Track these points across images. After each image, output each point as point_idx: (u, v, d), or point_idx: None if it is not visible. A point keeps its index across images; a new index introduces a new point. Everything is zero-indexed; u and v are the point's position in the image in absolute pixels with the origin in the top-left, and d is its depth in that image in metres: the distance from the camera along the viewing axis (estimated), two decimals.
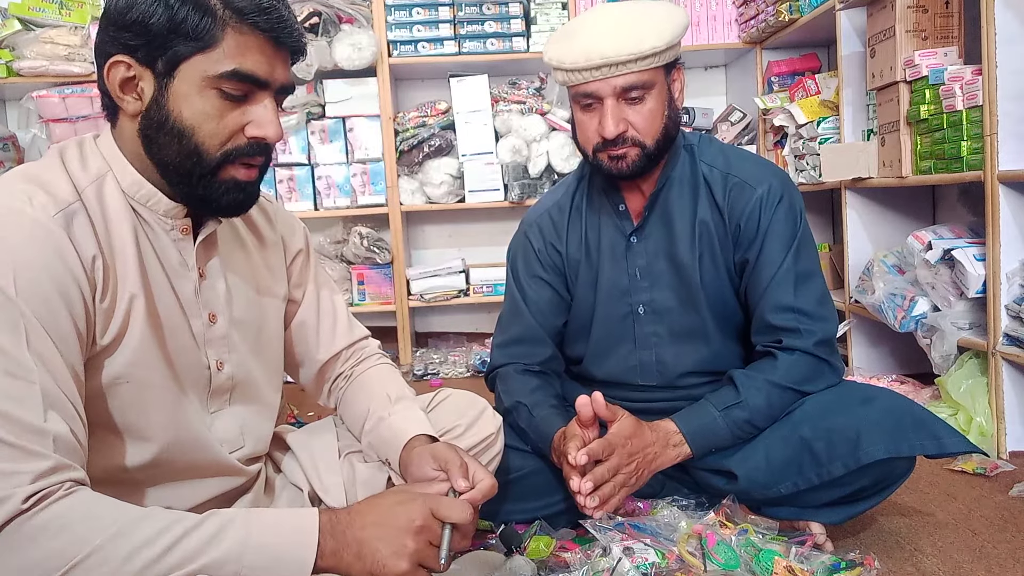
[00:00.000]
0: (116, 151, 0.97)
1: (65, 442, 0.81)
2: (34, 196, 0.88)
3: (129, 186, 0.96)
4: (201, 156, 0.93)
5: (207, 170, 0.94)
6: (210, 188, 0.95)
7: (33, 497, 0.77)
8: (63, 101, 3.03)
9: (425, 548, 0.88)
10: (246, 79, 0.92)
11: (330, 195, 3.26)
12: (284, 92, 0.98)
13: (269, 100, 0.95)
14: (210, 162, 0.94)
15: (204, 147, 0.93)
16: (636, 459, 1.30)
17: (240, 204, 0.99)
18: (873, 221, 2.60)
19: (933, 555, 1.38)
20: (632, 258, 1.47)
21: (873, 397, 1.35)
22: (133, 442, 0.96)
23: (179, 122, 0.92)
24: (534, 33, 3.22)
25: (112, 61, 0.92)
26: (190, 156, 0.93)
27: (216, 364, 1.04)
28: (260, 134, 0.94)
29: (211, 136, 0.93)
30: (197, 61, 0.91)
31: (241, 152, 0.95)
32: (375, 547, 0.86)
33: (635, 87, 1.31)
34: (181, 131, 0.92)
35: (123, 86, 0.93)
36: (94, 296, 0.90)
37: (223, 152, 0.94)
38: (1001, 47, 1.80)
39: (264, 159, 0.98)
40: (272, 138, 0.95)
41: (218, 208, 0.98)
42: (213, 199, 0.96)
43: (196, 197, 0.97)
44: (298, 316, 1.22)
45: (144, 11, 0.89)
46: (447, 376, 3.05)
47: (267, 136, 0.95)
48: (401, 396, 1.20)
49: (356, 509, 0.90)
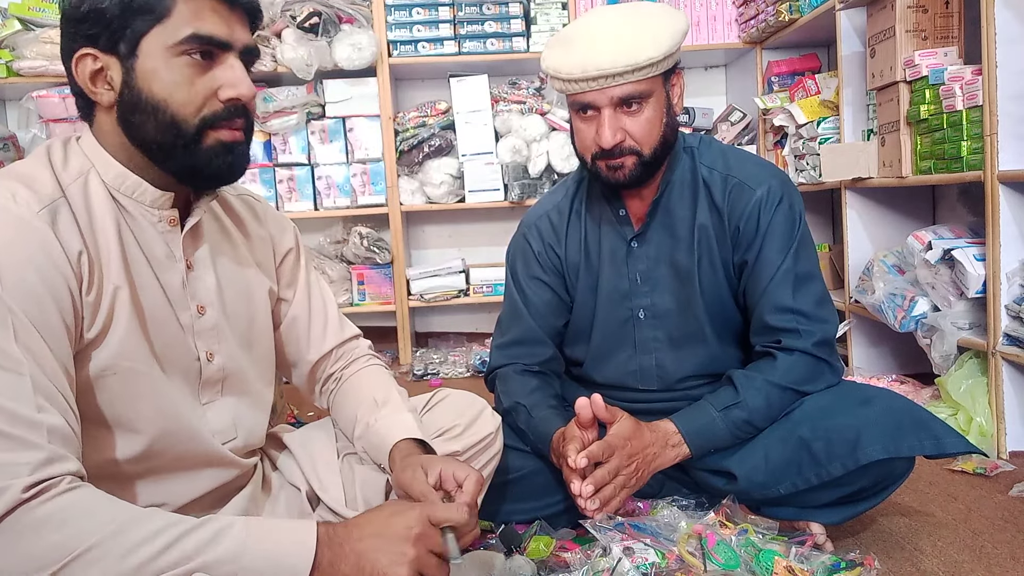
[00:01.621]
0: (97, 148, 0.97)
1: (59, 433, 0.82)
2: (17, 193, 0.88)
3: (113, 179, 0.96)
4: (179, 126, 0.93)
5: (189, 139, 0.93)
6: (197, 156, 0.94)
7: (33, 488, 0.77)
8: (63, 101, 3.03)
9: (425, 556, 0.88)
10: (207, 41, 0.92)
11: (330, 195, 3.26)
12: (250, 54, 0.98)
13: (235, 60, 0.95)
14: (189, 130, 0.93)
15: (180, 116, 0.93)
16: (636, 460, 1.30)
17: (231, 167, 0.98)
18: (873, 221, 2.60)
19: (933, 555, 1.38)
20: (633, 263, 1.47)
21: (872, 397, 1.35)
22: (123, 434, 0.96)
23: (151, 98, 0.92)
24: (534, 33, 3.22)
25: (77, 56, 0.93)
26: (169, 129, 0.93)
27: (206, 355, 1.05)
28: (233, 94, 0.94)
29: (185, 104, 0.92)
30: (155, 34, 0.91)
31: (219, 117, 0.94)
32: (374, 558, 0.86)
33: (632, 97, 1.31)
34: (155, 106, 0.92)
35: (93, 79, 0.94)
36: (80, 290, 0.90)
37: (200, 118, 0.93)
38: (1001, 47, 1.80)
39: (245, 122, 0.98)
40: (246, 96, 0.95)
41: (211, 176, 0.97)
42: (203, 166, 0.95)
43: (187, 169, 0.96)
44: (289, 315, 1.22)
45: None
46: (447, 376, 3.05)
47: (240, 95, 0.94)
48: (387, 400, 1.19)
49: (353, 522, 0.91)
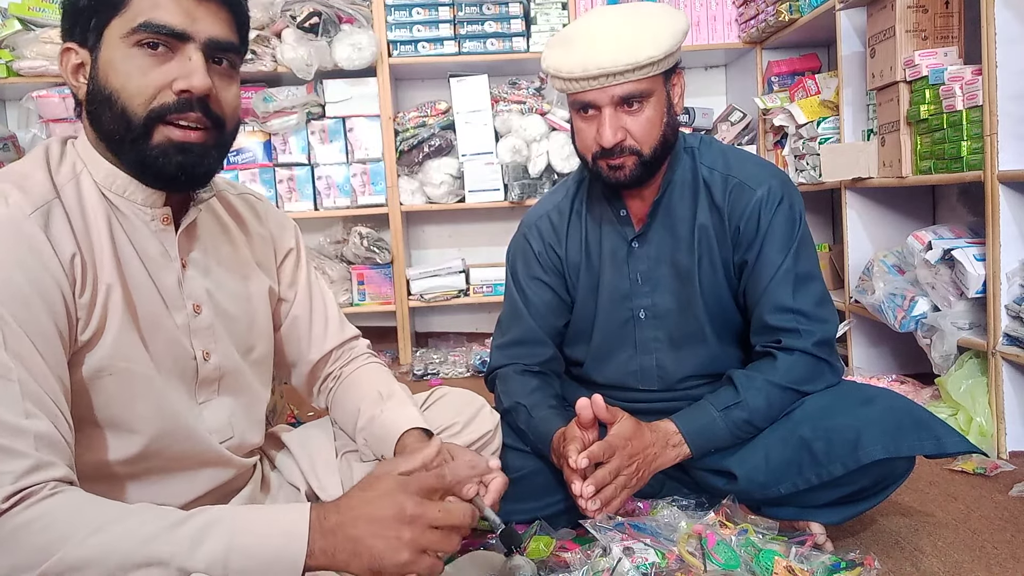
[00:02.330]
0: (88, 147, 0.97)
1: (47, 440, 0.81)
2: (9, 196, 0.88)
3: (103, 179, 0.96)
4: (128, 118, 0.91)
5: (137, 133, 0.92)
6: (143, 152, 0.93)
7: (14, 497, 0.77)
8: (63, 101, 3.03)
9: (423, 534, 0.85)
10: (159, 30, 0.90)
11: (330, 195, 3.26)
12: (225, 50, 0.95)
13: (195, 53, 0.92)
14: (137, 123, 0.91)
15: (129, 107, 0.91)
16: (636, 460, 1.30)
17: (184, 168, 0.94)
18: (873, 221, 2.60)
19: (933, 555, 1.38)
20: (633, 263, 1.47)
21: (873, 397, 1.35)
22: (120, 435, 0.96)
23: (107, 88, 0.92)
24: (534, 33, 3.22)
25: (61, 51, 0.95)
26: (120, 120, 0.92)
27: (203, 354, 1.04)
28: (184, 85, 0.91)
29: (135, 95, 0.91)
30: (115, 25, 0.91)
31: (168, 109, 0.92)
32: (370, 544, 0.84)
33: (633, 96, 1.31)
34: (109, 96, 0.92)
35: (74, 72, 0.95)
36: (74, 292, 0.90)
37: (149, 111, 0.91)
38: (1001, 47, 1.80)
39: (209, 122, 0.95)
40: (196, 87, 0.92)
41: (162, 174, 0.94)
42: (150, 163, 0.93)
43: (137, 164, 0.94)
44: (290, 315, 1.22)
45: None
46: (447, 376, 3.05)
47: (191, 86, 0.91)
48: (392, 393, 1.20)
49: (345, 504, 0.86)
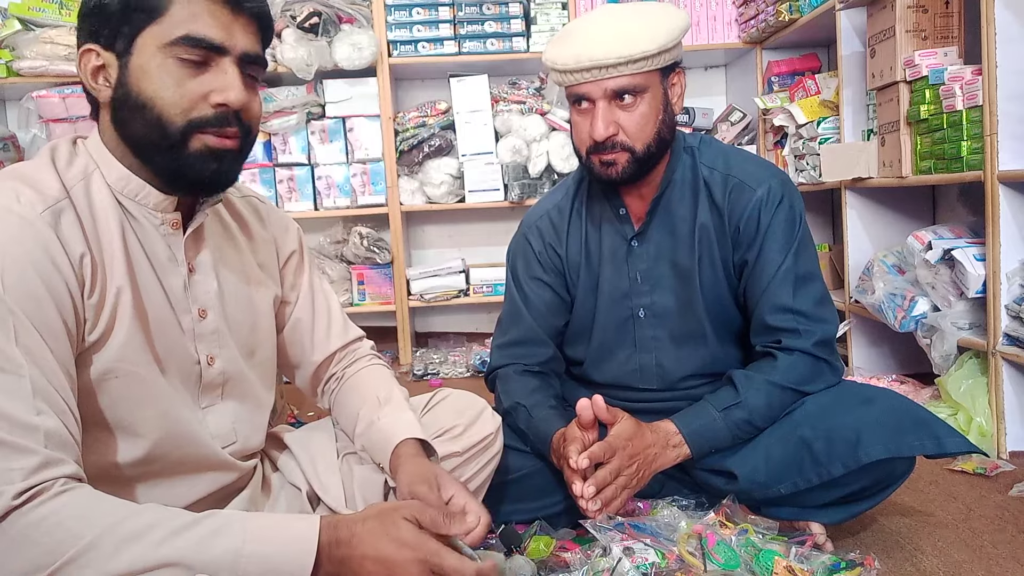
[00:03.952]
0: (102, 148, 0.97)
1: (56, 437, 0.81)
2: (21, 194, 0.88)
3: (116, 181, 0.96)
4: (164, 127, 0.92)
5: (174, 140, 0.93)
6: (181, 159, 0.94)
7: (25, 494, 0.77)
8: (63, 101, 3.03)
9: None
10: (199, 44, 0.91)
11: (330, 195, 3.26)
12: (254, 63, 0.97)
13: (231, 66, 0.94)
14: (175, 132, 0.92)
15: (166, 116, 0.92)
16: (637, 461, 1.30)
17: (218, 175, 0.96)
18: (873, 221, 2.60)
19: (933, 555, 1.38)
20: (633, 262, 1.47)
21: (873, 397, 1.35)
22: (124, 438, 0.96)
23: (140, 96, 0.92)
24: (534, 33, 3.22)
25: (82, 51, 0.94)
26: (154, 128, 0.92)
27: (207, 359, 1.04)
28: (221, 99, 0.93)
29: (172, 105, 0.92)
30: (150, 33, 0.91)
31: (207, 122, 0.93)
32: None
33: (627, 90, 1.31)
34: (143, 104, 0.92)
35: (94, 74, 0.95)
36: (82, 292, 0.90)
37: (187, 121, 0.93)
38: (1001, 47, 1.80)
39: (240, 131, 0.96)
40: (234, 102, 0.93)
41: (196, 181, 0.96)
42: (187, 170, 0.94)
43: (170, 172, 0.95)
44: (293, 317, 1.22)
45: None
46: (447, 376, 3.05)
47: (228, 100, 0.93)
48: (390, 398, 1.19)
49: (357, 536, 0.86)
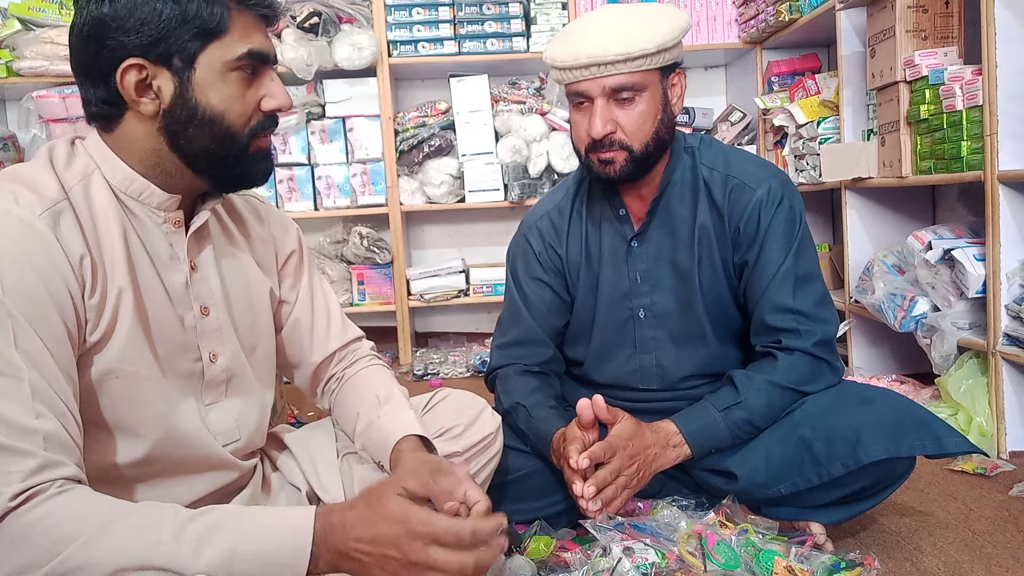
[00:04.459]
0: (105, 150, 0.97)
1: (56, 439, 0.81)
2: (19, 196, 0.88)
3: (119, 182, 0.97)
4: (233, 138, 0.98)
5: (241, 148, 0.99)
6: (244, 164, 1.01)
7: (21, 495, 0.77)
8: (63, 101, 3.03)
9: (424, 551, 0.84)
10: (258, 57, 0.97)
11: (330, 195, 3.26)
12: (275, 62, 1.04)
13: (274, 73, 1.01)
14: (241, 141, 0.99)
15: (234, 128, 0.98)
16: (637, 461, 1.30)
17: (268, 171, 1.05)
18: (873, 221, 2.60)
19: (933, 555, 1.38)
20: (633, 262, 1.47)
21: (873, 397, 1.35)
22: (125, 439, 0.96)
23: (208, 110, 0.95)
24: (534, 33, 3.22)
25: (125, 66, 0.92)
26: (224, 140, 0.97)
27: (210, 356, 1.05)
28: (275, 105, 1.00)
29: (239, 117, 0.98)
30: (213, 49, 0.94)
31: (263, 126, 1.01)
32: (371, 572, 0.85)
33: (625, 88, 1.31)
34: (212, 118, 0.96)
35: (139, 89, 0.94)
36: (83, 293, 0.90)
37: (249, 129, 0.99)
38: (1001, 47, 1.80)
39: None
40: (286, 106, 1.01)
41: (252, 180, 1.04)
42: (247, 173, 1.02)
43: (231, 178, 1.03)
44: (292, 317, 1.22)
45: (152, 9, 0.91)
46: (447, 376, 3.05)
47: (281, 106, 1.00)
48: (390, 397, 1.19)
49: (349, 521, 0.85)
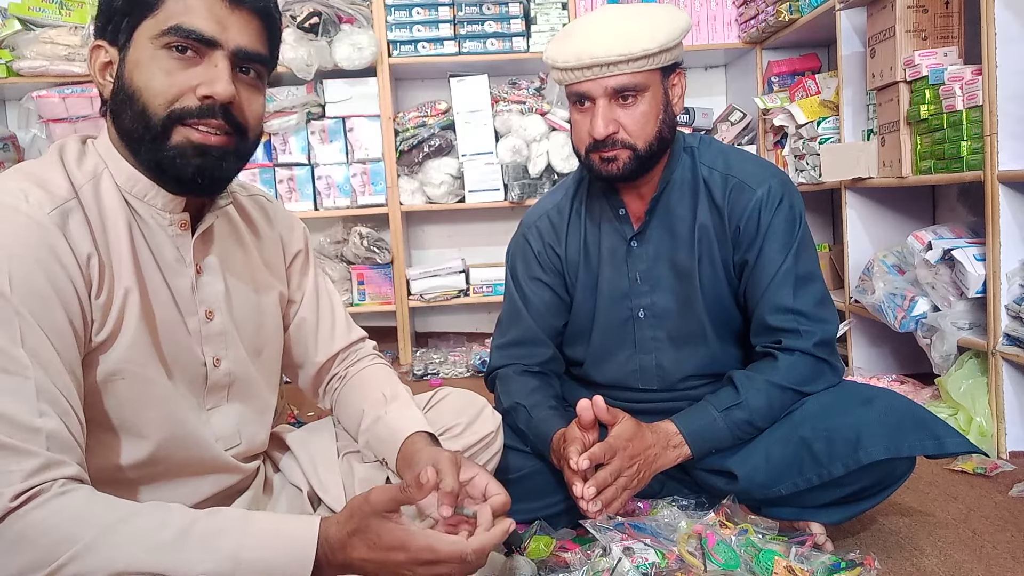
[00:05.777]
0: (110, 149, 0.97)
1: (59, 439, 0.81)
2: (29, 193, 0.88)
3: (125, 181, 0.97)
4: (148, 117, 0.92)
5: (156, 132, 0.92)
6: (161, 152, 0.92)
7: (23, 495, 0.77)
8: (63, 101, 3.03)
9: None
10: (189, 35, 0.91)
11: (330, 195, 3.26)
12: (254, 60, 0.96)
13: (222, 61, 0.93)
14: (156, 122, 0.92)
15: (150, 107, 0.91)
16: (637, 461, 1.30)
17: (202, 171, 0.94)
18: (873, 221, 2.60)
19: (933, 555, 1.38)
20: (632, 262, 1.47)
21: (873, 397, 1.35)
22: (129, 440, 0.96)
23: (130, 86, 0.93)
24: (534, 33, 3.22)
25: (91, 47, 0.95)
26: (139, 119, 0.92)
27: (213, 360, 1.04)
28: (207, 91, 0.92)
29: (157, 95, 0.91)
30: (146, 26, 0.92)
31: (190, 113, 0.92)
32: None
33: (627, 88, 1.31)
34: (131, 94, 0.92)
35: (102, 71, 0.96)
36: (89, 293, 0.90)
37: (169, 111, 0.91)
38: (1001, 47, 1.80)
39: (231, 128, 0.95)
40: (219, 95, 0.92)
41: (179, 177, 0.94)
42: (167, 164, 0.93)
43: (153, 164, 0.94)
44: (298, 317, 1.22)
45: None
46: (447, 376, 3.05)
47: (214, 92, 0.91)
48: (396, 395, 1.20)
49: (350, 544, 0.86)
